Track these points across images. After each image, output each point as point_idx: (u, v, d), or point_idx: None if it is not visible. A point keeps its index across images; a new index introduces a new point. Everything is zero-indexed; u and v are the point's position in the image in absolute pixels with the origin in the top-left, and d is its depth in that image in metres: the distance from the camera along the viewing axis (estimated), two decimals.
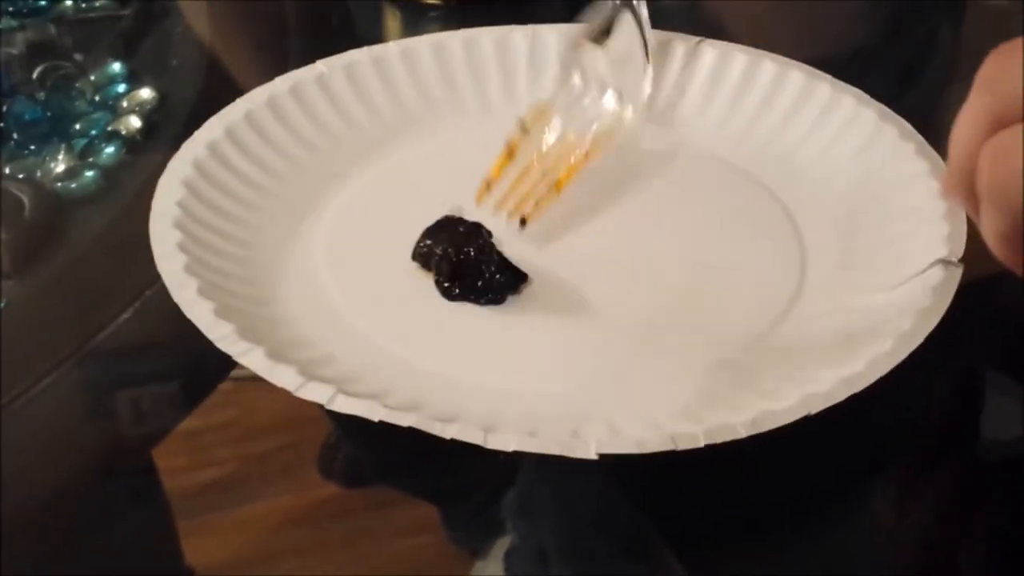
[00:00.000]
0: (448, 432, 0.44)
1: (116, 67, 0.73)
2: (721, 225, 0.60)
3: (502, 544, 0.50)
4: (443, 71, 0.67)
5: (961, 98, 0.38)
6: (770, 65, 0.66)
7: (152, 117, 0.69)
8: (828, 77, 0.65)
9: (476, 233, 0.54)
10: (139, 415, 0.51)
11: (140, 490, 0.51)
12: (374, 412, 0.44)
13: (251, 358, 0.47)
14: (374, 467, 0.55)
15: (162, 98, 0.70)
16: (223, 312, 0.49)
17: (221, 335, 0.48)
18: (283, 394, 0.45)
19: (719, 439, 0.44)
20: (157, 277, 0.51)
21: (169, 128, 0.67)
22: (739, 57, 0.66)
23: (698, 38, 0.67)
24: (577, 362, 0.52)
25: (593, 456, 0.43)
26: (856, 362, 0.48)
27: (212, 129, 0.61)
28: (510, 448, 0.43)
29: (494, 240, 0.55)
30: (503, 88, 0.67)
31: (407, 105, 0.66)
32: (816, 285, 0.56)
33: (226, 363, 0.47)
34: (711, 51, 0.67)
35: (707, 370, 0.51)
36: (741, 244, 0.59)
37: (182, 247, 0.53)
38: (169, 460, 0.53)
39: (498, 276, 0.53)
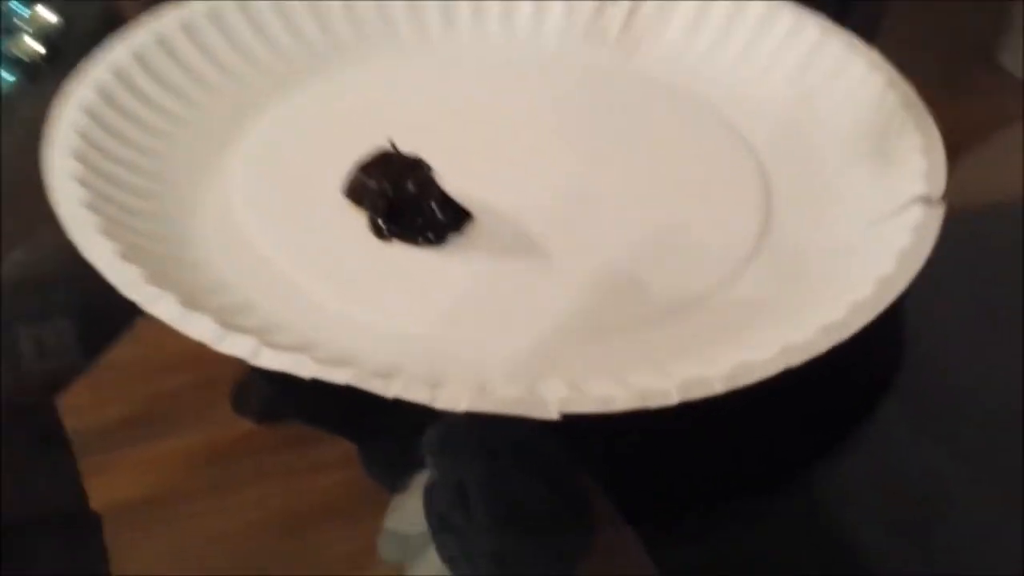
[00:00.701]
0: (391, 390, 0.39)
1: None
2: (681, 161, 0.56)
3: (421, 479, 0.46)
4: None
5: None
6: None
7: (55, 42, 0.64)
8: (790, 4, 0.60)
9: (416, 167, 0.49)
10: (39, 354, 0.46)
11: (40, 428, 0.48)
12: (304, 367, 0.39)
13: (162, 306, 0.41)
14: (288, 403, 0.51)
15: (66, 21, 0.65)
16: (129, 254, 0.43)
17: (127, 280, 0.42)
18: None
19: (693, 395, 0.39)
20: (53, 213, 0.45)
21: (73, 53, 0.60)
22: None
23: None
24: (527, 309, 0.47)
25: (555, 417, 0.38)
26: (836, 309, 0.44)
27: (117, 51, 0.55)
28: (461, 408, 0.38)
29: (434, 175, 0.49)
30: (442, 15, 0.62)
31: (335, 29, 0.61)
32: (785, 225, 0.52)
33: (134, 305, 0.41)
34: None
35: (673, 317, 0.46)
36: (702, 181, 0.55)
37: (82, 180, 0.47)
38: (72, 398, 0.49)
39: (439, 214, 0.49)
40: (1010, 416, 0.47)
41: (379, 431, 0.49)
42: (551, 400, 0.39)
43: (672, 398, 0.39)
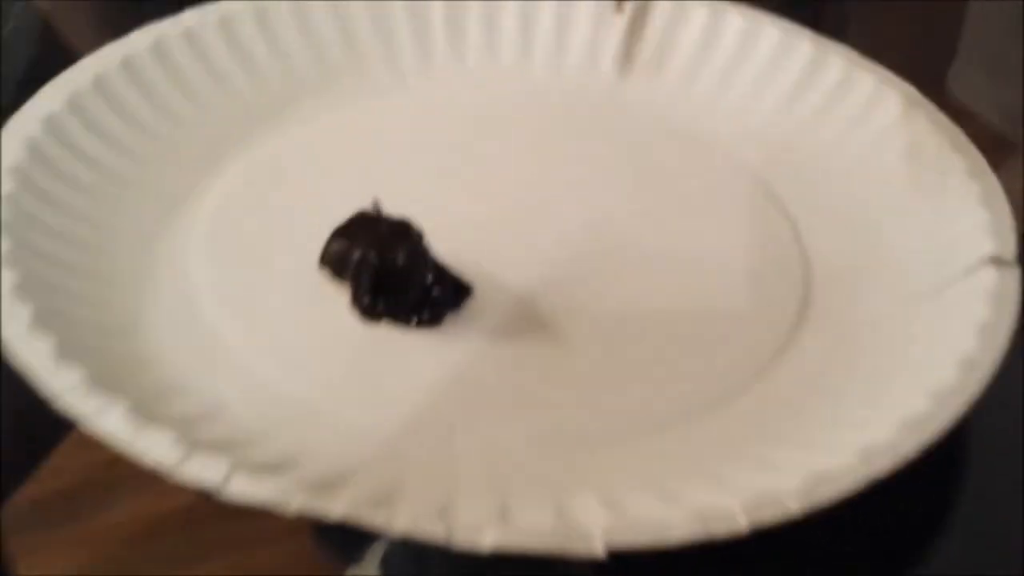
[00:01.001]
0: (398, 522, 0.31)
1: None
2: (701, 217, 0.49)
3: (378, 549, 0.40)
4: (343, 29, 0.54)
5: None
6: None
7: None
8: (808, 34, 0.54)
9: (404, 232, 0.42)
10: None
11: None
12: (289, 497, 0.32)
13: (108, 419, 0.33)
14: None
15: None
16: (66, 350, 0.36)
17: (66, 386, 0.34)
18: None
19: (765, 518, 0.32)
20: None
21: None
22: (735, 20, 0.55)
23: None
24: (541, 402, 0.40)
25: (599, 553, 0.31)
26: (915, 398, 0.37)
27: (50, 99, 0.47)
28: (486, 547, 0.31)
29: (426, 242, 0.42)
30: (417, 54, 0.55)
31: (298, 70, 0.54)
32: (830, 291, 0.45)
33: None
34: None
35: (711, 409, 0.40)
36: (729, 240, 0.48)
37: (11, 260, 0.39)
38: None
39: (435, 289, 0.42)
40: None
41: None
42: (592, 529, 0.31)
43: (739, 523, 0.32)
